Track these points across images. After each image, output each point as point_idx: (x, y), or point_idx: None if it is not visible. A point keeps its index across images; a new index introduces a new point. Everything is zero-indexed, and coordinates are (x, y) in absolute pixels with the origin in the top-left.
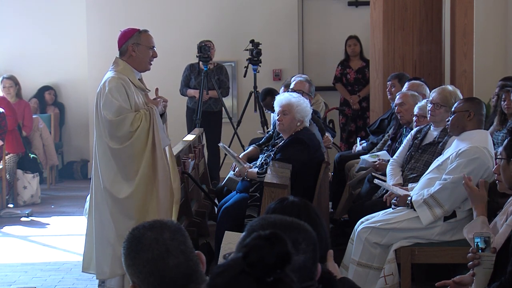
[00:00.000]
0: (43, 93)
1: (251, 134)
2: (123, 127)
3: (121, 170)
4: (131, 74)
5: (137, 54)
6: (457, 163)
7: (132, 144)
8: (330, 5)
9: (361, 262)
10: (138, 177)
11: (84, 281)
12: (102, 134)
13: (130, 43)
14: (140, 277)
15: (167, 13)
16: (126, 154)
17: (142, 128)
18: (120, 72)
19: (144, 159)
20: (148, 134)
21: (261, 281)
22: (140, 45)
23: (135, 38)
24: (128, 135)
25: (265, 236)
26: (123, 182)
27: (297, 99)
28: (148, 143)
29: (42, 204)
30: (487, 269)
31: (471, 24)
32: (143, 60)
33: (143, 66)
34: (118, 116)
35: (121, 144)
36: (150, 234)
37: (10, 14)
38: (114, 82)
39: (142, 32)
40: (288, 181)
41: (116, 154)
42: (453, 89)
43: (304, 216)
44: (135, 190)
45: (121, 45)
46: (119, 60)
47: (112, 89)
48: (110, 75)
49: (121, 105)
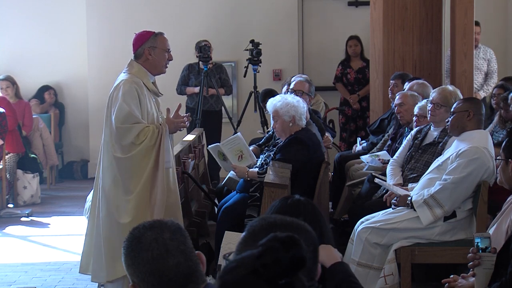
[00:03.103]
0: (43, 93)
1: (251, 134)
2: (128, 137)
3: (120, 179)
4: (145, 77)
5: (153, 58)
6: (457, 163)
7: (132, 157)
8: (330, 5)
9: (361, 262)
10: (134, 195)
11: (84, 281)
12: (109, 138)
13: (146, 47)
14: (140, 276)
15: (167, 13)
16: (125, 165)
17: (145, 144)
18: (135, 75)
19: (143, 178)
20: (150, 152)
21: (273, 283)
22: (157, 48)
23: (151, 41)
24: (131, 147)
25: (282, 238)
26: (120, 191)
27: (281, 102)
28: (149, 161)
29: (42, 204)
30: (487, 269)
31: (471, 24)
32: (159, 64)
33: (158, 70)
34: (125, 124)
35: (122, 153)
36: (150, 234)
37: (10, 14)
38: (128, 86)
39: (158, 35)
40: (288, 181)
41: (117, 162)
42: (453, 89)
43: (307, 214)
44: (130, 206)
45: (136, 48)
46: (134, 62)
47: (125, 94)
48: (124, 77)
49: (130, 111)
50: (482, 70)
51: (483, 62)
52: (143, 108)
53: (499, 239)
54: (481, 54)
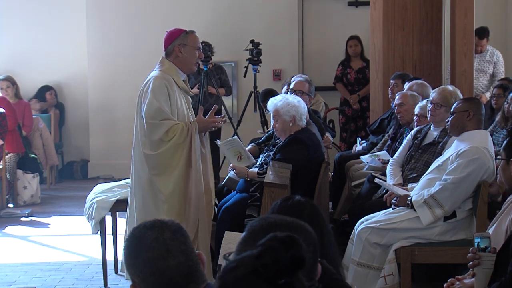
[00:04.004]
0: (44, 94)
1: (251, 134)
2: (157, 133)
3: (151, 176)
4: (176, 75)
5: (184, 55)
6: (457, 164)
7: (160, 154)
8: (330, 5)
9: (361, 262)
10: (168, 194)
11: (84, 281)
12: (139, 134)
13: (176, 44)
14: (140, 276)
15: (167, 13)
16: (154, 162)
17: (174, 142)
18: (165, 72)
19: (174, 176)
20: (179, 150)
21: (272, 282)
22: (187, 46)
23: (181, 39)
24: (160, 144)
25: (282, 238)
26: (154, 189)
27: (282, 101)
28: (180, 159)
29: (42, 204)
30: (487, 269)
31: (471, 24)
32: (189, 61)
33: (188, 67)
34: (155, 119)
35: (151, 150)
36: (150, 234)
37: (10, 14)
38: (158, 81)
39: (189, 33)
40: (288, 181)
41: (147, 159)
42: (453, 89)
43: (308, 215)
44: (166, 206)
45: (167, 45)
46: (165, 60)
47: (154, 89)
48: (154, 74)
49: (160, 107)
50: (488, 72)
51: (489, 65)
52: (173, 104)
53: (498, 239)
54: (487, 57)
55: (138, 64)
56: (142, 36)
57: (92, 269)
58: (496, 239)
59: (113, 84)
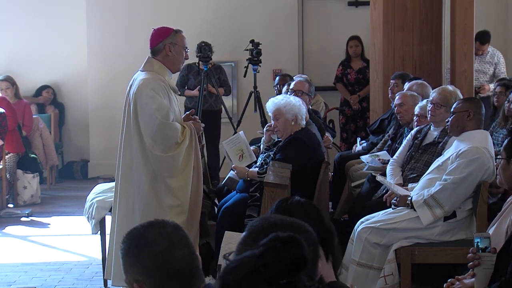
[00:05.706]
0: (41, 92)
1: (251, 134)
2: (172, 134)
3: (160, 177)
4: (166, 75)
5: (173, 54)
6: (458, 164)
7: (174, 156)
8: (330, 5)
9: (361, 262)
10: (183, 200)
11: (84, 281)
12: (145, 136)
13: (167, 43)
14: (146, 273)
15: (167, 13)
16: (168, 163)
17: (184, 144)
18: (157, 73)
19: (188, 178)
20: (189, 152)
21: (273, 282)
22: (177, 45)
23: (171, 38)
24: (175, 145)
25: (283, 238)
26: (162, 190)
27: (284, 100)
28: (189, 161)
29: (42, 204)
30: (487, 269)
31: (471, 24)
32: (178, 61)
33: (177, 67)
34: (168, 119)
35: (163, 152)
36: (152, 230)
37: (10, 14)
38: (156, 83)
39: (178, 32)
40: (288, 181)
41: (155, 160)
42: (453, 89)
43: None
44: (179, 209)
45: (155, 44)
46: (153, 60)
47: (157, 90)
48: (146, 76)
49: (169, 108)
50: (488, 73)
51: (489, 66)
52: (171, 106)
53: (499, 239)
54: (488, 58)
55: (138, 64)
56: (142, 36)
57: (92, 269)
58: (496, 240)
59: (113, 84)
